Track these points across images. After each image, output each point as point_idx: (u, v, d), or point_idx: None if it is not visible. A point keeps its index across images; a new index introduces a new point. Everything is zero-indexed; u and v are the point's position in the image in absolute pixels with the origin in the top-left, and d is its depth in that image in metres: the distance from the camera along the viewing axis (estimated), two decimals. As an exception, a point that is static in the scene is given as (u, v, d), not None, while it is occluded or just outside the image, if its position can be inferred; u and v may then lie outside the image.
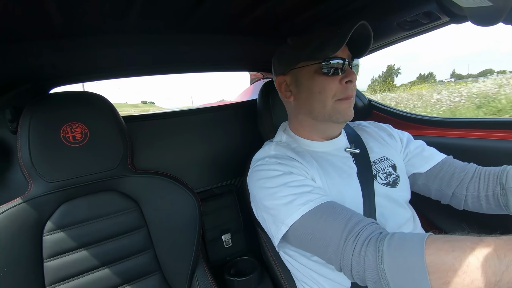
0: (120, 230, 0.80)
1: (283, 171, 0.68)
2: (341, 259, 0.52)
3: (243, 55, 1.17)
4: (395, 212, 0.74)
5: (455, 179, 0.78)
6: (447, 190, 0.79)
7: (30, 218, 0.71)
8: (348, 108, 0.72)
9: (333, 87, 0.70)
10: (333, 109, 0.72)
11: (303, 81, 0.74)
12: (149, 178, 0.86)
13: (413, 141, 0.89)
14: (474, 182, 0.75)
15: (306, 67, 0.73)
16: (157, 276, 0.84)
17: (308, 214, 0.58)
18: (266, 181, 0.68)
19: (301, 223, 0.59)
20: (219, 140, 1.30)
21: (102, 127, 0.78)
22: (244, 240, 1.36)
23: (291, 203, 0.61)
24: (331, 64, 0.68)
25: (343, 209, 0.57)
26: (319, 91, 0.71)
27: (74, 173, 0.75)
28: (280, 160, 0.71)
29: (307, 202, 0.60)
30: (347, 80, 0.70)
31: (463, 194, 0.76)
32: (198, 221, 0.88)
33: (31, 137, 0.70)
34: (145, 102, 69.53)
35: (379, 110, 1.35)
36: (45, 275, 0.72)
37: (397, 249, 0.45)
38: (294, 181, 0.65)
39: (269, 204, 0.66)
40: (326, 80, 0.70)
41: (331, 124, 0.76)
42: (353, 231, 0.51)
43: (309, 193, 0.62)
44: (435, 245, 0.43)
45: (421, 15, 0.80)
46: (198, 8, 0.73)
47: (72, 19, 0.69)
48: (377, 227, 0.53)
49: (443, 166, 0.81)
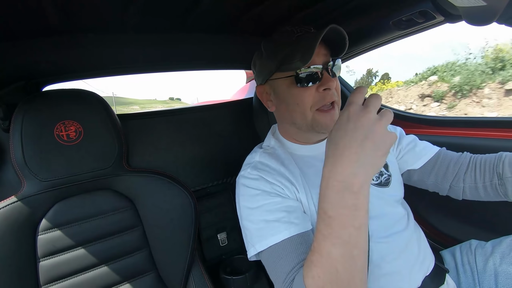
0: (115, 229, 0.80)
1: (262, 190, 0.66)
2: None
3: (241, 54, 1.17)
4: (387, 212, 0.73)
5: (450, 172, 0.78)
6: (444, 184, 0.79)
7: (23, 217, 0.70)
8: (330, 120, 0.68)
9: (310, 97, 0.67)
10: (314, 120, 0.69)
11: (280, 93, 0.72)
12: (144, 176, 0.85)
13: (405, 136, 0.88)
14: (471, 173, 0.75)
15: (281, 79, 0.70)
16: (152, 275, 0.84)
17: (273, 247, 0.60)
18: (244, 199, 0.68)
19: (266, 254, 0.61)
20: (214, 139, 1.29)
21: (97, 125, 0.78)
22: (239, 239, 1.36)
23: (261, 230, 0.62)
24: (305, 73, 0.65)
25: (296, 252, 0.58)
26: (297, 103, 0.69)
27: (68, 171, 0.75)
28: (262, 173, 0.69)
29: (275, 233, 0.60)
30: (324, 88, 0.66)
31: (460, 186, 0.76)
32: (194, 219, 0.88)
33: (24, 135, 0.69)
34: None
35: None
36: (40, 274, 0.71)
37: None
38: (269, 204, 0.64)
39: (244, 223, 0.68)
40: (302, 91, 0.67)
41: (315, 133, 0.73)
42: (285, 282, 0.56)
43: (279, 222, 0.62)
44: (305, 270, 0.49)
45: (417, 14, 0.80)
46: (196, 6, 0.73)
47: (68, 16, 0.68)
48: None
49: (436, 160, 0.81)
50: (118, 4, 0.66)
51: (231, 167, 1.33)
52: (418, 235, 0.76)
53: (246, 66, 1.40)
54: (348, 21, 0.93)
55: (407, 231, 0.74)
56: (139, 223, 0.83)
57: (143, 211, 0.84)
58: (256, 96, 1.05)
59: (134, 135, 1.11)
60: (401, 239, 0.71)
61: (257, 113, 1.03)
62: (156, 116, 1.20)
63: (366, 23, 0.93)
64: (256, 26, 0.94)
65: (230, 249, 1.32)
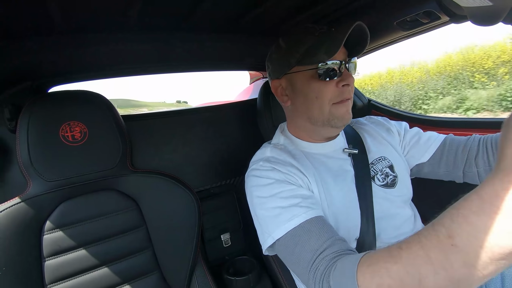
0: (119, 229, 0.80)
1: (275, 179, 0.67)
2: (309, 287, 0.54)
3: (243, 54, 1.17)
4: (393, 213, 0.73)
5: (459, 159, 0.75)
6: (456, 172, 0.76)
7: (29, 217, 0.71)
8: (346, 112, 0.70)
9: (329, 92, 0.68)
10: (331, 114, 0.70)
11: (298, 86, 0.72)
12: (148, 177, 0.85)
13: (409, 131, 0.86)
14: (483, 156, 0.71)
15: (301, 72, 0.70)
16: (156, 275, 0.84)
17: (291, 232, 0.59)
18: (257, 189, 0.68)
19: (284, 240, 0.60)
20: (218, 140, 1.30)
21: (101, 126, 0.78)
22: (243, 240, 1.36)
23: (278, 217, 0.61)
24: (326, 68, 0.66)
25: (320, 232, 0.57)
26: (316, 97, 0.69)
27: (73, 172, 0.75)
28: (275, 165, 0.70)
29: (292, 217, 0.60)
30: (344, 84, 0.68)
31: (474, 171, 0.73)
32: (197, 220, 0.88)
33: (30, 136, 0.70)
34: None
35: (379, 110, 1.35)
36: (45, 274, 0.72)
37: (337, 282, 0.47)
38: (284, 191, 0.64)
39: (258, 213, 0.67)
40: (322, 85, 0.68)
41: (330, 128, 0.74)
42: (315, 262, 0.53)
43: (295, 207, 0.61)
44: (362, 273, 0.43)
45: (421, 15, 0.80)
46: (199, 7, 0.73)
47: (72, 17, 0.69)
48: (332, 257, 0.52)
49: (443, 149, 0.78)
50: (121, 4, 0.66)
51: (234, 168, 1.33)
52: None
53: (251, 67, 1.40)
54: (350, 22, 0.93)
55: (414, 232, 0.73)
56: (142, 223, 0.84)
57: (147, 211, 0.84)
58: (260, 96, 1.05)
59: (138, 136, 1.11)
60: None
61: (261, 114, 1.03)
62: (160, 117, 1.21)
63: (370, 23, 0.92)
64: (260, 26, 0.94)
65: (233, 250, 1.32)
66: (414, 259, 0.37)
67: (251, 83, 1.86)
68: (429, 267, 0.35)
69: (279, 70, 0.75)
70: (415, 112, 2.15)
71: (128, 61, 1.00)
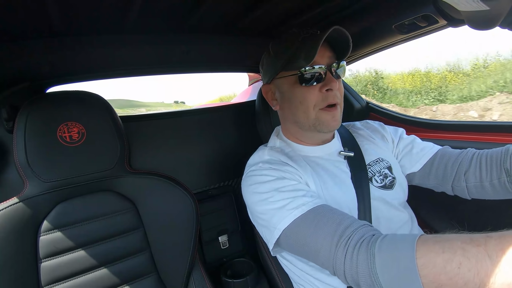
0: (116, 230, 0.80)
1: (276, 176, 0.67)
2: (333, 264, 0.51)
3: (242, 56, 1.17)
4: (391, 215, 0.73)
5: (448, 173, 0.74)
6: (445, 185, 0.75)
7: (25, 218, 0.70)
8: (331, 119, 0.70)
9: (313, 97, 0.69)
10: (316, 119, 0.70)
11: (284, 91, 0.73)
12: (146, 178, 0.85)
13: (404, 138, 0.86)
14: (475, 171, 0.70)
15: (286, 77, 0.71)
16: (153, 277, 0.83)
17: (300, 218, 0.58)
18: (258, 186, 0.68)
19: (293, 228, 0.59)
20: (216, 141, 1.30)
21: (99, 127, 0.78)
22: (241, 242, 1.35)
23: (283, 207, 0.61)
24: (309, 73, 0.67)
25: (334, 213, 0.57)
26: (300, 102, 0.70)
27: (70, 173, 0.75)
28: (273, 165, 0.70)
29: (299, 206, 0.59)
30: (327, 88, 0.68)
31: (463, 186, 0.72)
32: (195, 222, 0.88)
33: (27, 136, 0.70)
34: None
35: (377, 113, 1.35)
36: (41, 275, 0.71)
37: (389, 252, 0.45)
38: (287, 186, 0.64)
39: (261, 209, 0.66)
40: (306, 90, 0.69)
41: (316, 133, 0.75)
42: (344, 235, 0.51)
43: (302, 197, 0.61)
44: (426, 246, 0.42)
45: (419, 18, 0.80)
46: (198, 8, 0.73)
47: (71, 18, 0.69)
48: (369, 229, 0.52)
49: (433, 161, 0.78)
50: (120, 5, 0.66)
51: (232, 169, 1.33)
52: None
53: (249, 69, 1.40)
54: (348, 25, 0.93)
55: None
56: (140, 224, 0.83)
57: (145, 212, 0.84)
58: (259, 98, 1.05)
59: (136, 137, 1.11)
60: None
61: (260, 116, 1.04)
62: (158, 118, 1.21)
63: (368, 26, 0.93)
64: (259, 27, 0.94)
65: (231, 252, 1.31)
66: (503, 249, 0.36)
67: (249, 85, 1.86)
68: (489, 264, 0.35)
69: (268, 75, 0.76)
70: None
71: (126, 62, 1.00)
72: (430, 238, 0.43)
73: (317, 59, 0.65)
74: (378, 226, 0.70)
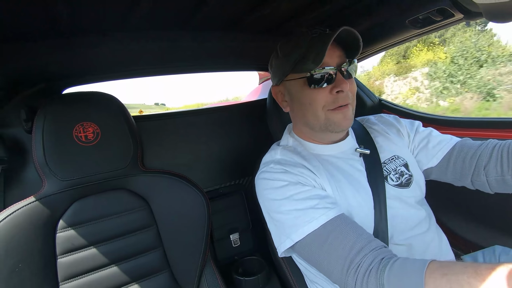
0: (130, 228, 0.82)
1: (289, 181, 0.66)
2: (344, 287, 0.52)
3: (250, 54, 1.17)
4: (407, 214, 0.71)
5: (467, 167, 0.71)
6: (464, 180, 0.72)
7: (43, 216, 0.73)
8: (342, 118, 0.68)
9: (322, 99, 0.67)
10: (327, 120, 0.69)
11: (293, 93, 0.72)
12: (159, 177, 0.87)
13: (420, 132, 0.83)
14: (495, 165, 0.66)
15: (294, 80, 0.70)
16: (166, 274, 0.85)
17: (313, 234, 0.58)
18: (271, 192, 0.67)
19: (306, 242, 0.59)
20: (227, 140, 1.30)
21: (113, 127, 0.80)
22: (252, 240, 1.36)
23: (296, 219, 0.61)
24: (318, 75, 0.65)
25: (349, 230, 0.56)
26: (309, 103, 0.69)
27: (86, 171, 0.77)
28: (286, 167, 0.69)
29: (311, 220, 0.59)
30: (337, 91, 0.66)
31: (483, 180, 0.68)
32: (207, 220, 0.88)
33: (45, 136, 0.72)
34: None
35: (390, 110, 1.32)
36: (58, 271, 0.73)
37: (397, 284, 0.45)
38: (299, 193, 0.64)
39: (274, 216, 0.66)
40: (315, 92, 0.67)
41: (328, 133, 0.73)
42: (354, 261, 0.51)
43: (314, 209, 0.60)
44: (433, 280, 0.43)
45: (434, 13, 0.78)
46: (204, 5, 0.73)
47: (80, 18, 0.70)
48: (379, 253, 0.51)
49: (451, 155, 0.74)
50: (130, 4, 0.67)
51: (243, 168, 1.33)
52: (440, 238, 0.74)
53: (258, 67, 1.40)
54: (359, 20, 0.91)
55: (429, 233, 0.71)
56: (153, 222, 0.85)
57: (157, 210, 0.85)
58: (270, 97, 1.05)
59: (149, 136, 1.13)
60: (423, 242, 0.69)
61: (271, 114, 1.03)
62: (171, 118, 1.22)
63: (380, 22, 0.90)
64: (266, 25, 0.94)
65: (243, 250, 1.32)
66: (507, 285, 0.37)
67: (260, 83, 1.86)
68: None
69: (277, 77, 0.76)
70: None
71: (139, 62, 1.01)
72: (437, 269, 0.44)
73: (326, 60, 0.63)
74: (395, 225, 0.69)
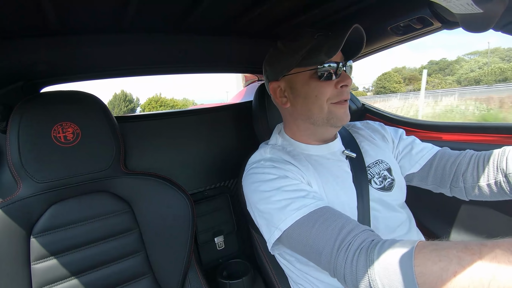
0: (111, 232, 0.79)
1: (278, 175, 0.67)
2: (334, 267, 0.52)
3: (239, 57, 1.17)
4: (389, 216, 0.74)
5: (447, 174, 0.75)
6: (443, 186, 0.77)
7: (18, 219, 0.69)
8: (344, 112, 0.72)
9: (328, 91, 0.70)
10: (330, 112, 0.71)
11: (298, 87, 0.73)
12: (142, 179, 0.85)
13: (404, 139, 0.87)
14: (472, 172, 0.71)
15: (300, 73, 0.72)
16: (149, 278, 0.83)
17: (302, 220, 0.58)
18: (260, 185, 0.68)
19: (295, 229, 0.59)
20: (213, 142, 1.29)
21: (95, 127, 0.77)
22: (237, 243, 1.35)
23: (285, 208, 0.61)
24: (325, 68, 0.68)
25: (337, 216, 0.57)
26: (315, 95, 0.71)
27: (65, 173, 0.74)
28: (276, 163, 0.71)
29: (301, 207, 0.60)
30: (342, 85, 0.70)
31: (461, 186, 0.73)
32: (191, 223, 0.87)
33: (21, 136, 0.69)
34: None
35: (373, 114, 1.36)
36: (33, 278, 0.70)
37: (387, 260, 0.46)
38: (289, 185, 0.65)
39: (263, 208, 0.66)
40: (321, 84, 0.70)
41: (329, 128, 0.75)
42: (345, 240, 0.52)
43: (304, 198, 0.62)
44: (423, 255, 0.43)
45: (414, 21, 0.81)
46: (195, 8, 0.73)
47: (67, 17, 0.68)
48: (369, 234, 0.52)
49: (432, 162, 0.79)
50: (116, 4, 0.66)
51: (228, 170, 1.33)
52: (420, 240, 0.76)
53: (247, 69, 1.40)
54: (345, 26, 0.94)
55: (409, 235, 0.74)
56: (135, 226, 0.83)
57: (140, 213, 0.83)
58: (256, 98, 1.05)
59: (132, 137, 1.10)
60: None
61: (257, 117, 1.03)
62: (154, 118, 1.20)
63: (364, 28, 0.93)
64: (257, 28, 0.94)
65: (227, 253, 1.31)
66: (496, 257, 0.37)
67: (245, 86, 1.86)
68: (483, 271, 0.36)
69: (277, 72, 0.76)
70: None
71: (123, 62, 0.99)
72: (427, 246, 0.44)
73: (335, 55, 0.67)
74: (377, 226, 0.71)
